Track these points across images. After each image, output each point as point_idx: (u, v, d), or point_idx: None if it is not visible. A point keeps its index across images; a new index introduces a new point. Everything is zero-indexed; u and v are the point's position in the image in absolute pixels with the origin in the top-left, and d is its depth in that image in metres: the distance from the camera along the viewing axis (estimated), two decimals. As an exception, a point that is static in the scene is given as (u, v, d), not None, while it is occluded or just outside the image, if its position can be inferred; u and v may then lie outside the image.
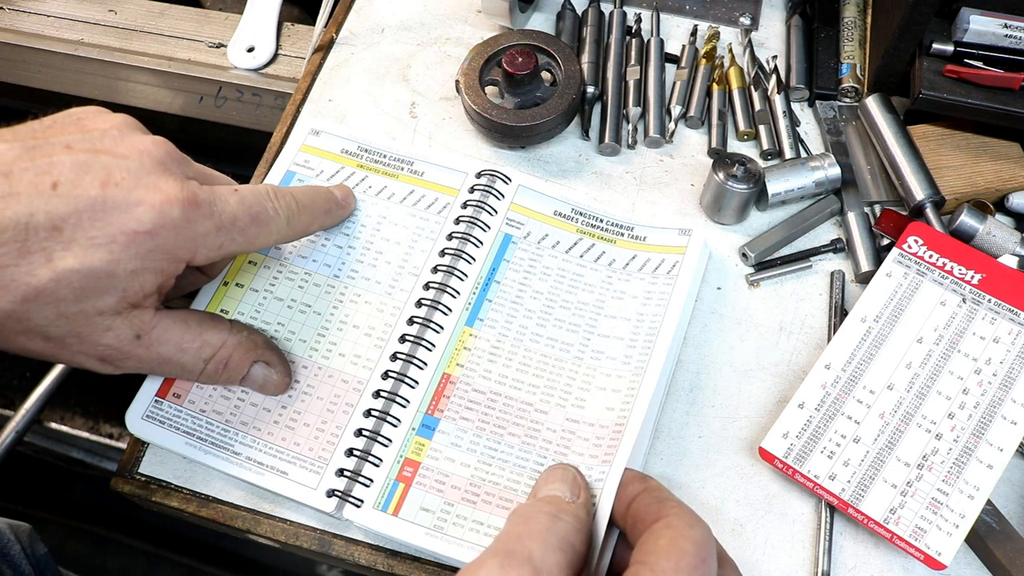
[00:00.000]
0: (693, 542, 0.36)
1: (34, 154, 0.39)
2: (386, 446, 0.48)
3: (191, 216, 0.41)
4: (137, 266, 0.40)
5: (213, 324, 0.46)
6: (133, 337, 0.42)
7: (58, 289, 0.38)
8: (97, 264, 0.38)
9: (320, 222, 0.52)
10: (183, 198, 0.40)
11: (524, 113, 0.58)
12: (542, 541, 0.37)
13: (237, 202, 0.44)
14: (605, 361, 0.50)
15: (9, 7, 0.78)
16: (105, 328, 0.40)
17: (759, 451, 0.48)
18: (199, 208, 0.41)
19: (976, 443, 0.46)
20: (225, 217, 0.43)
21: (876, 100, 0.58)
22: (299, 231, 0.49)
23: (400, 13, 0.68)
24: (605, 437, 0.47)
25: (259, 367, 0.48)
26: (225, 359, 0.46)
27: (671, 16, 0.67)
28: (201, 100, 0.75)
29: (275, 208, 0.46)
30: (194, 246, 0.42)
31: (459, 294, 0.52)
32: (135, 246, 0.39)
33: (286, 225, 0.47)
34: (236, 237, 0.44)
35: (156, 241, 0.40)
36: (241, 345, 0.47)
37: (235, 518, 0.49)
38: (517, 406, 0.49)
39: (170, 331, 0.43)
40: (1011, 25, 0.54)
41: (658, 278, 0.52)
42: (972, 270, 0.51)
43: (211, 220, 0.42)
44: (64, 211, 0.38)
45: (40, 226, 0.37)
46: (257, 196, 0.45)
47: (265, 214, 0.45)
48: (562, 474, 0.43)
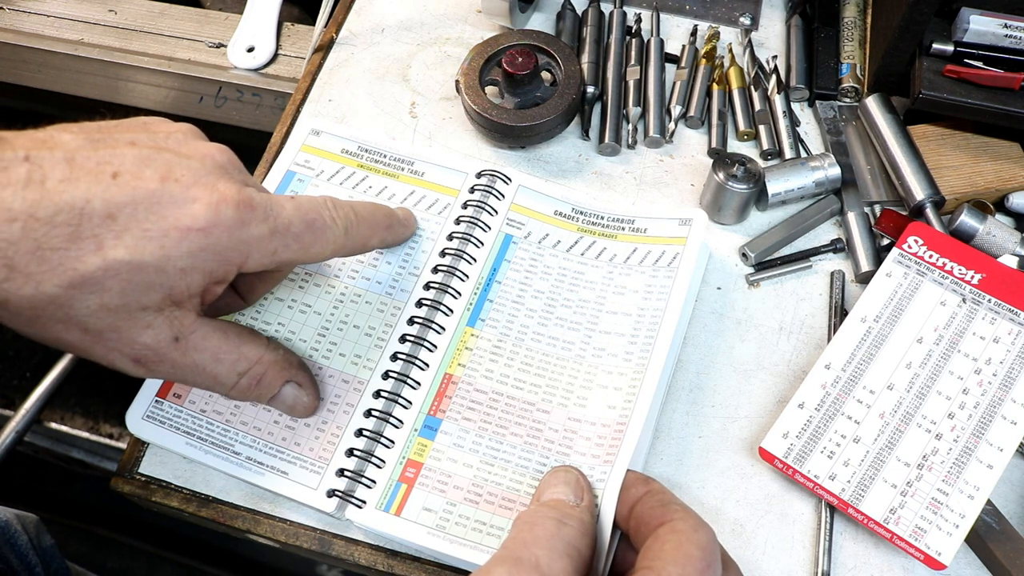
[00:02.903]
0: (699, 546, 0.36)
1: (98, 145, 0.39)
2: (388, 447, 0.48)
3: (245, 217, 0.40)
4: (187, 264, 0.39)
5: (252, 338, 0.45)
6: (172, 339, 0.41)
7: (105, 279, 0.37)
8: (147, 257, 0.37)
9: (380, 237, 0.50)
10: (239, 199, 0.40)
11: (524, 113, 0.58)
12: (548, 547, 0.37)
13: (293, 208, 0.43)
14: (607, 358, 0.50)
15: (9, 7, 0.78)
16: (145, 325, 0.39)
17: (759, 451, 0.48)
18: (254, 211, 0.40)
19: (976, 443, 0.47)
20: (280, 222, 0.42)
21: (876, 100, 0.58)
22: (358, 243, 0.48)
23: (400, 13, 0.68)
24: (607, 436, 0.47)
25: (290, 387, 0.47)
26: (259, 375, 0.45)
27: (671, 16, 0.67)
28: (201, 100, 0.75)
29: (332, 217, 0.45)
30: (247, 249, 0.41)
31: (460, 294, 0.52)
32: (187, 243, 0.38)
33: (343, 235, 0.46)
34: (291, 243, 0.43)
35: (209, 240, 0.39)
36: (277, 363, 0.46)
37: (235, 518, 0.49)
38: (519, 406, 0.49)
39: (209, 338, 0.42)
40: (1011, 25, 0.54)
41: (659, 271, 0.52)
42: (972, 270, 0.51)
43: (265, 224, 0.41)
44: (121, 200, 0.37)
45: (95, 212, 0.36)
46: (314, 204, 0.44)
47: (321, 221, 0.44)
48: (565, 477, 0.43)
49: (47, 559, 0.65)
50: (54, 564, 0.66)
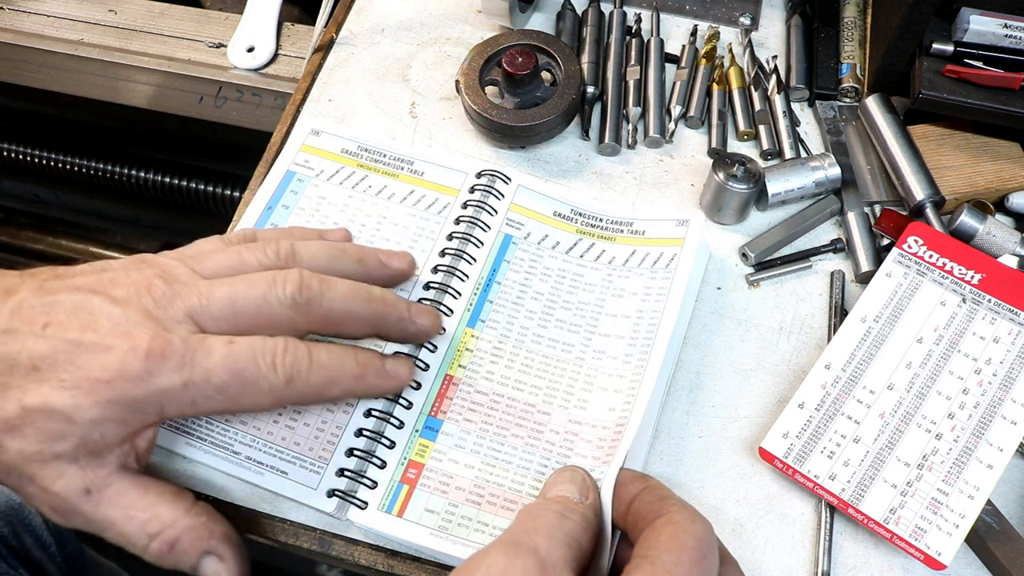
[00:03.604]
0: (694, 537, 0.36)
1: (44, 293, 0.40)
2: (390, 448, 0.48)
3: (153, 368, 0.39)
4: (97, 414, 0.39)
5: (172, 500, 0.42)
6: (82, 490, 0.40)
7: (22, 424, 0.38)
8: (58, 405, 0.38)
9: (345, 387, 0.45)
10: (148, 349, 0.39)
11: (524, 113, 0.58)
12: (548, 535, 0.37)
13: (221, 357, 0.40)
14: (606, 361, 0.50)
15: (9, 7, 0.78)
16: (58, 474, 0.39)
17: (759, 451, 0.48)
18: (165, 361, 0.39)
19: (976, 443, 0.47)
20: (197, 372, 0.40)
21: (876, 100, 0.58)
22: (308, 394, 0.43)
23: (400, 13, 0.68)
24: (607, 439, 0.47)
25: (211, 561, 0.43)
26: (172, 540, 0.41)
27: (671, 16, 0.67)
28: (201, 100, 0.75)
29: (272, 364, 0.41)
30: (159, 400, 0.40)
31: (460, 294, 0.52)
32: (95, 394, 0.38)
33: (283, 385, 0.42)
34: (212, 395, 0.41)
35: (115, 391, 0.39)
36: (194, 530, 0.42)
37: (235, 518, 0.49)
38: (520, 407, 0.49)
39: (123, 494, 0.41)
40: (1011, 25, 0.54)
41: (657, 272, 0.52)
42: (972, 270, 0.51)
43: (179, 374, 0.39)
44: (43, 351, 0.39)
45: (23, 364, 0.38)
46: (251, 351, 0.41)
47: (253, 372, 0.41)
48: (571, 475, 0.43)
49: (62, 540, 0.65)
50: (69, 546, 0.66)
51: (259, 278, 0.43)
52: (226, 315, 0.42)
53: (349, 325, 0.46)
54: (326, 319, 0.44)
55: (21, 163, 1.03)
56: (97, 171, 1.01)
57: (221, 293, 0.42)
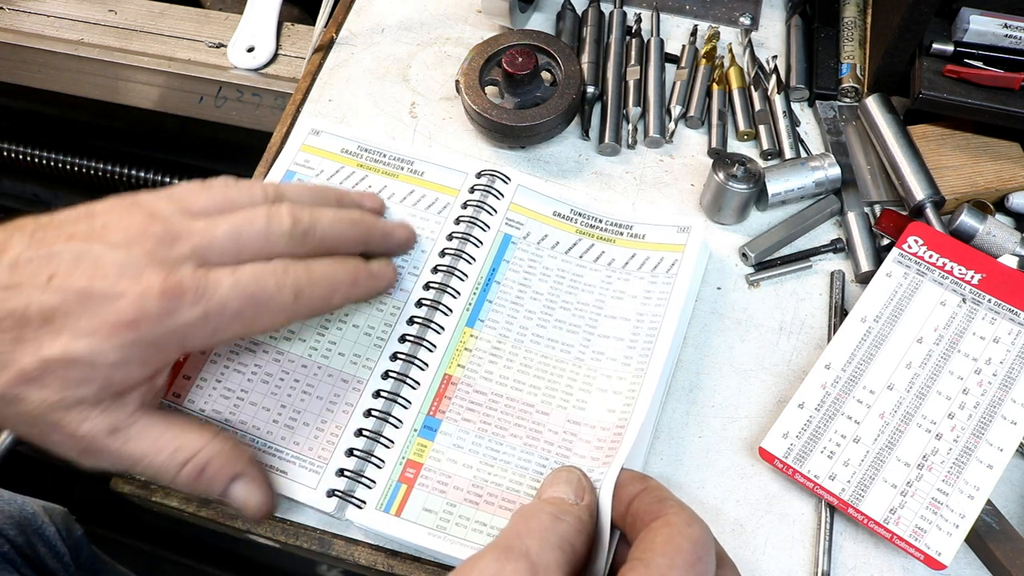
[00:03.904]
0: (690, 539, 0.36)
1: (39, 244, 0.40)
2: (388, 447, 0.48)
3: (172, 307, 0.40)
4: (119, 357, 0.39)
5: (197, 429, 0.44)
6: (109, 430, 0.41)
7: (43, 375, 0.39)
8: (79, 353, 0.39)
9: (344, 294, 0.47)
10: (163, 289, 0.40)
11: (524, 113, 0.58)
12: (540, 539, 0.37)
13: (231, 284, 0.41)
14: (606, 362, 0.50)
15: (9, 7, 0.78)
16: (83, 418, 0.40)
17: (759, 451, 0.48)
18: (181, 297, 0.40)
19: (976, 443, 0.46)
20: (213, 303, 0.41)
21: (876, 100, 0.58)
22: (315, 306, 0.45)
23: (400, 13, 0.68)
24: (606, 440, 0.47)
25: (240, 485, 0.45)
26: (202, 465, 0.43)
27: (671, 16, 0.67)
28: (201, 100, 0.75)
29: (278, 284, 0.43)
30: (181, 336, 0.41)
31: (459, 294, 0.52)
32: (116, 338, 0.39)
33: (292, 301, 0.43)
34: (230, 323, 0.42)
35: (137, 333, 0.39)
36: (221, 454, 0.44)
37: (235, 518, 0.49)
38: (519, 407, 0.49)
39: (149, 429, 0.42)
40: (1011, 25, 0.54)
41: (657, 277, 0.52)
42: (972, 270, 0.51)
43: (196, 307, 0.40)
44: (54, 303, 0.39)
45: (34, 317, 0.39)
46: (257, 275, 0.42)
47: (264, 294, 0.42)
48: (567, 476, 0.43)
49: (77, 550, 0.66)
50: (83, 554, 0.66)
51: (256, 214, 0.44)
52: (229, 250, 0.43)
53: (340, 248, 0.48)
54: (320, 246, 0.46)
55: (21, 163, 1.03)
56: (97, 171, 1.01)
57: (223, 229, 0.43)
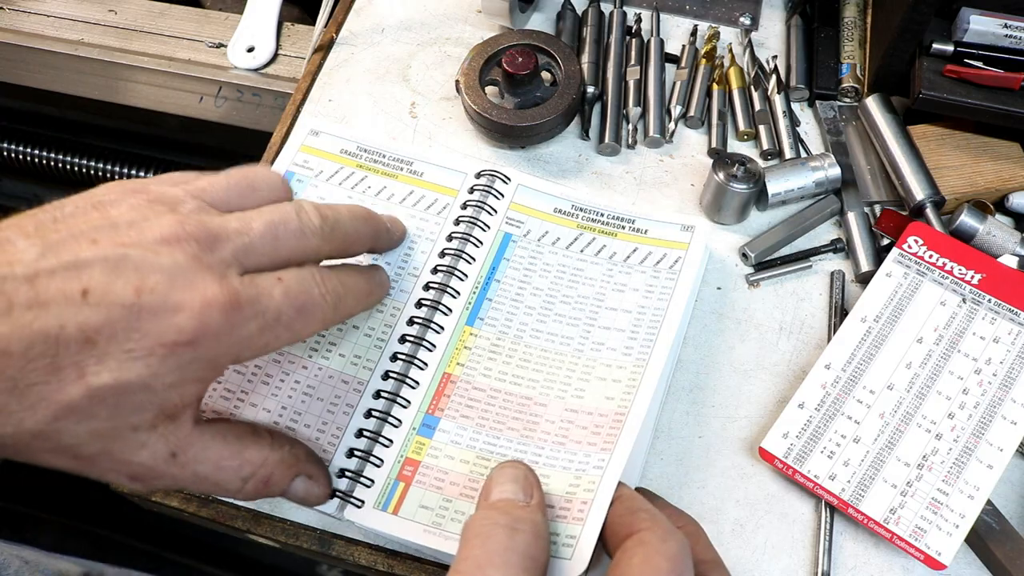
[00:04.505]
0: (667, 558, 0.36)
1: (59, 251, 0.35)
2: (387, 446, 0.48)
3: (234, 320, 0.37)
4: (177, 378, 0.36)
5: (254, 440, 0.42)
6: (168, 455, 0.38)
7: (91, 406, 0.34)
8: (134, 379, 0.34)
9: (364, 304, 0.47)
10: (224, 301, 0.36)
11: (524, 113, 0.58)
12: (503, 564, 0.36)
13: (282, 294, 0.39)
14: (605, 352, 0.50)
15: (9, 7, 0.78)
16: (139, 445, 0.37)
17: (759, 451, 0.48)
18: (242, 310, 0.37)
19: (976, 443, 0.46)
20: (269, 315, 0.39)
21: (876, 100, 0.58)
22: (344, 316, 0.45)
23: (400, 13, 0.68)
24: (604, 425, 0.46)
25: (300, 481, 0.44)
26: (266, 477, 0.42)
27: (671, 16, 0.67)
28: (201, 100, 0.75)
29: (322, 294, 0.42)
30: (237, 350, 0.38)
31: (459, 294, 0.52)
32: (175, 357, 0.35)
33: (332, 311, 0.42)
34: (281, 333, 0.40)
35: (197, 351, 0.36)
36: (283, 462, 0.43)
37: (235, 518, 0.49)
38: (517, 401, 0.49)
39: (208, 448, 0.40)
40: (1011, 25, 0.54)
41: (660, 272, 0.52)
42: (972, 270, 0.51)
43: (255, 321, 0.38)
44: (97, 322, 0.34)
45: (71, 339, 0.33)
46: (303, 284, 0.41)
47: (312, 303, 0.41)
48: (513, 473, 0.42)
49: None
50: None
51: (285, 210, 0.42)
52: (267, 250, 0.40)
53: (355, 246, 0.47)
54: (343, 243, 0.45)
55: (21, 163, 1.03)
56: (97, 171, 1.01)
57: (260, 228, 0.40)
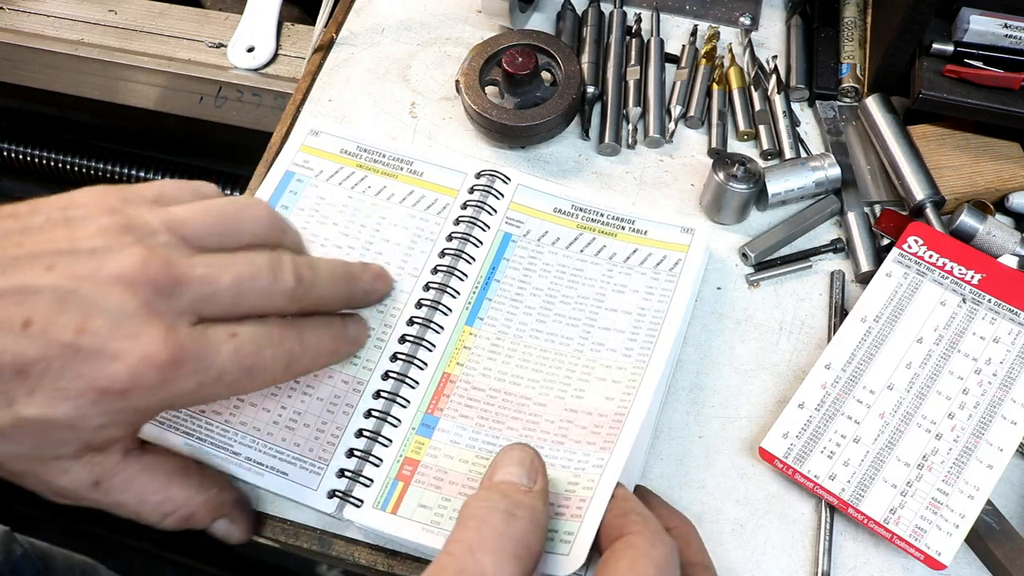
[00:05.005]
0: (654, 564, 0.36)
1: (13, 272, 0.35)
2: (386, 446, 0.48)
3: (171, 376, 0.36)
4: (104, 421, 0.36)
5: (182, 479, 0.42)
6: (92, 483, 0.39)
7: (16, 434, 0.35)
8: (60, 417, 0.35)
9: (324, 362, 0.46)
10: (164, 358, 0.36)
11: (524, 113, 0.58)
12: (495, 550, 0.35)
13: (231, 353, 0.38)
14: (605, 353, 0.50)
15: (9, 7, 0.78)
16: (62, 471, 0.38)
17: (759, 451, 0.48)
18: (180, 367, 0.36)
19: (976, 443, 0.46)
20: (211, 374, 0.38)
21: (876, 100, 0.58)
22: (296, 375, 0.44)
23: (400, 13, 0.68)
24: (604, 425, 0.46)
25: (222, 522, 0.45)
26: (187, 517, 0.43)
27: (671, 16, 0.67)
28: (201, 100, 0.75)
29: (274, 356, 0.40)
30: (170, 403, 0.38)
31: (459, 294, 0.52)
32: (104, 403, 0.35)
33: (283, 372, 0.42)
34: (221, 391, 0.39)
35: (127, 401, 0.36)
36: (207, 503, 0.43)
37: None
38: (516, 401, 0.49)
39: (134, 480, 0.40)
40: (1011, 25, 0.54)
41: (660, 274, 0.52)
42: (972, 270, 0.51)
43: (194, 378, 0.37)
44: (32, 355, 0.34)
45: (6, 367, 0.34)
46: (256, 343, 0.40)
47: (261, 365, 0.40)
48: (519, 456, 0.41)
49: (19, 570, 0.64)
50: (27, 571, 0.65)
51: (260, 265, 0.40)
52: (227, 304, 0.39)
53: (328, 306, 0.46)
54: (312, 305, 0.44)
55: (21, 163, 1.03)
56: (97, 171, 1.01)
57: (226, 280, 0.39)
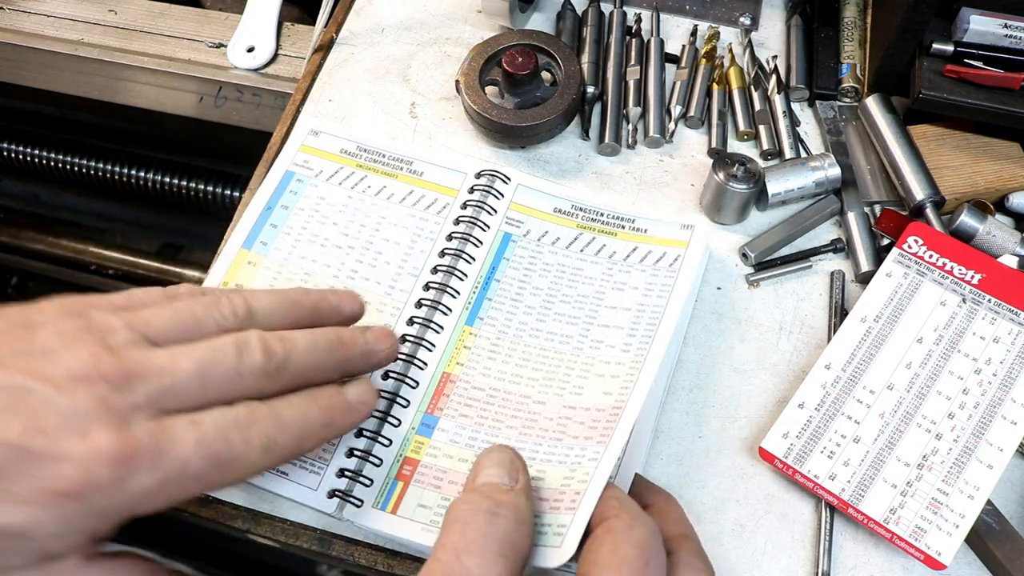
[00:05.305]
0: (635, 545, 0.36)
1: None
2: (386, 446, 0.48)
3: (125, 474, 0.34)
4: (60, 528, 0.34)
5: None
6: None
7: None
8: (12, 523, 0.33)
9: (319, 438, 0.41)
10: (115, 454, 0.34)
11: (524, 113, 0.58)
12: (480, 552, 0.35)
13: (193, 443, 0.36)
14: (604, 349, 0.50)
15: (9, 7, 0.78)
16: None
17: (759, 451, 0.48)
18: (136, 463, 0.34)
19: (976, 443, 0.46)
20: (172, 467, 0.35)
21: (876, 100, 0.58)
22: (286, 455, 0.40)
23: (400, 13, 0.68)
24: (601, 420, 0.46)
25: None
26: None
27: (671, 16, 0.67)
28: (201, 100, 0.75)
29: (245, 440, 0.37)
30: (132, 503, 0.35)
31: (459, 294, 0.52)
32: (59, 508, 0.33)
33: (263, 456, 0.38)
34: (190, 486, 0.37)
35: (82, 504, 0.34)
36: None
37: (235, 518, 0.49)
38: (515, 399, 0.49)
39: None
40: (1011, 25, 0.54)
41: (659, 270, 0.52)
42: (972, 270, 0.51)
43: (153, 474, 0.35)
44: None
45: None
46: (222, 429, 0.37)
47: (230, 452, 0.37)
48: (499, 457, 0.41)
49: None
50: None
51: (222, 345, 0.38)
52: (193, 392, 0.37)
53: (317, 377, 0.42)
54: (295, 379, 0.41)
55: (21, 163, 1.03)
56: (97, 171, 1.01)
57: (187, 368, 0.37)
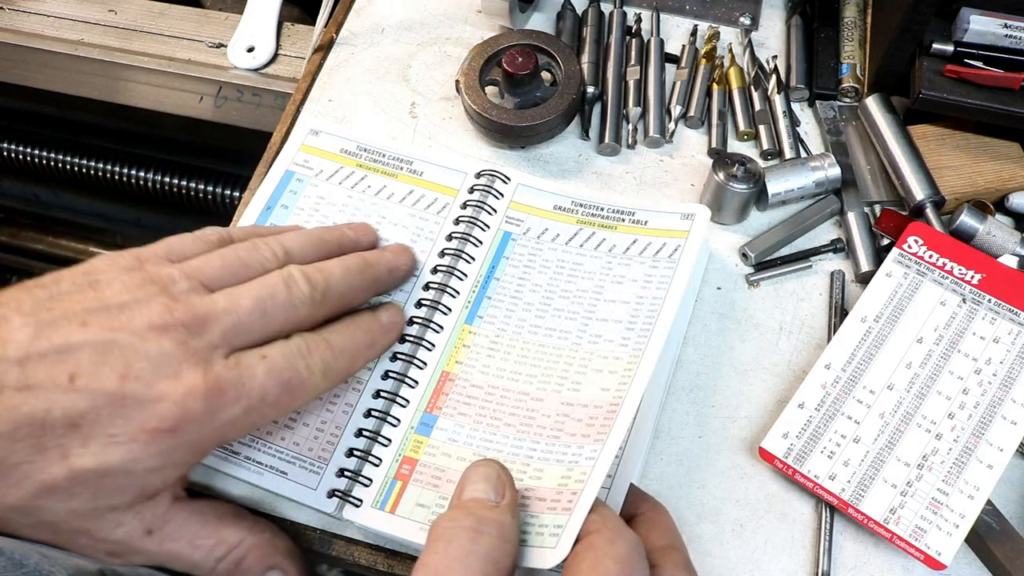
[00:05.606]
0: (616, 561, 0.36)
1: (50, 333, 0.36)
2: (386, 446, 0.48)
3: (216, 406, 0.38)
4: (158, 463, 0.37)
5: (233, 520, 0.43)
6: (144, 532, 0.39)
7: (73, 487, 0.36)
8: (115, 463, 0.36)
9: (365, 358, 0.47)
10: (206, 389, 0.38)
11: (524, 113, 0.58)
12: (462, 571, 0.36)
13: (265, 373, 0.40)
14: (603, 344, 0.50)
15: (9, 7, 0.78)
16: (116, 524, 0.38)
17: (759, 451, 0.48)
18: (224, 395, 0.38)
19: (976, 443, 0.46)
20: (253, 397, 0.39)
21: (876, 100, 0.58)
22: (339, 379, 0.45)
23: (400, 13, 0.68)
24: (599, 417, 0.46)
25: (274, 574, 0.44)
26: (238, 559, 0.42)
27: (671, 16, 0.67)
28: (201, 100, 0.75)
29: (308, 366, 0.42)
30: (222, 433, 0.39)
31: (459, 293, 0.52)
32: (157, 444, 0.37)
33: (322, 379, 0.43)
34: (268, 412, 0.41)
35: (179, 438, 0.37)
36: (259, 547, 0.43)
37: (235, 518, 0.49)
38: (514, 397, 0.49)
39: (185, 526, 0.41)
40: (1011, 25, 0.54)
41: (659, 261, 0.52)
42: (972, 270, 0.51)
43: (238, 404, 0.39)
44: (82, 407, 0.36)
45: (57, 423, 0.35)
46: (288, 359, 0.41)
47: (298, 378, 0.41)
48: (485, 472, 0.41)
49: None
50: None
51: (272, 281, 0.42)
52: (256, 327, 0.41)
53: (353, 302, 0.47)
54: (337, 304, 0.45)
55: (21, 163, 1.03)
56: (97, 171, 1.01)
57: (248, 305, 0.41)
